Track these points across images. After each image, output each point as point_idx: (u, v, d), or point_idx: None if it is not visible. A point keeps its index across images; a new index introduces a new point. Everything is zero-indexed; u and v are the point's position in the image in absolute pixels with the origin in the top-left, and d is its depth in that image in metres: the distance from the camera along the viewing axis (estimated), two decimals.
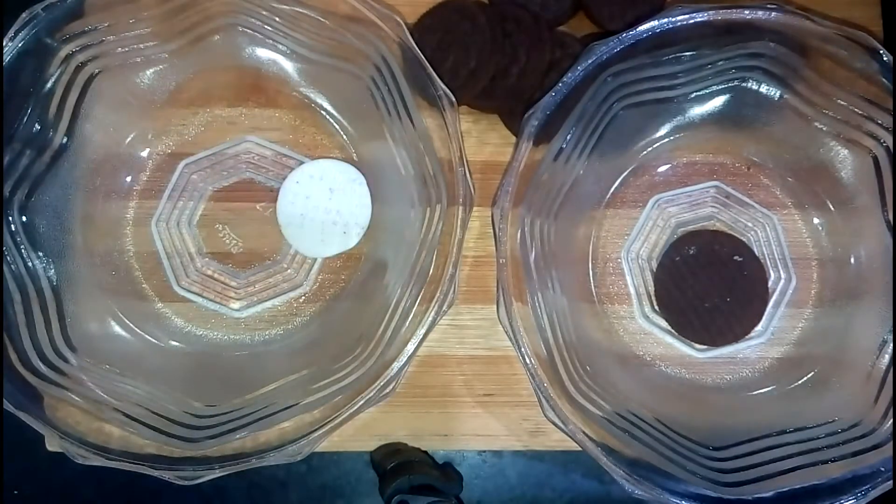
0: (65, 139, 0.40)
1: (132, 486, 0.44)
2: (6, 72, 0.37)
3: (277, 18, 0.41)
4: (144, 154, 0.44)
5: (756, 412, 0.41)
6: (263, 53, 0.43)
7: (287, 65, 0.43)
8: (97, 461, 0.36)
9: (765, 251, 0.43)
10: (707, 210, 0.44)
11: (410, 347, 0.37)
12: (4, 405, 0.36)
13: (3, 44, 0.37)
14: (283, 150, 0.44)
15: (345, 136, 0.44)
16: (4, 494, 0.44)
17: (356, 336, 0.40)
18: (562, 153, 0.39)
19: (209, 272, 0.43)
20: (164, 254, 0.43)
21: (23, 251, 0.39)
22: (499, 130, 0.44)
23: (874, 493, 0.35)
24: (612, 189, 0.44)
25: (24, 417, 0.36)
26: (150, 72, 0.42)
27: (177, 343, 0.42)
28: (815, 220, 0.43)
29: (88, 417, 0.38)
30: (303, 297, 0.43)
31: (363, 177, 0.43)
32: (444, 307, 0.37)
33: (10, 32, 0.37)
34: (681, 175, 0.44)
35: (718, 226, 0.44)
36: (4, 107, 0.38)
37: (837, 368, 0.41)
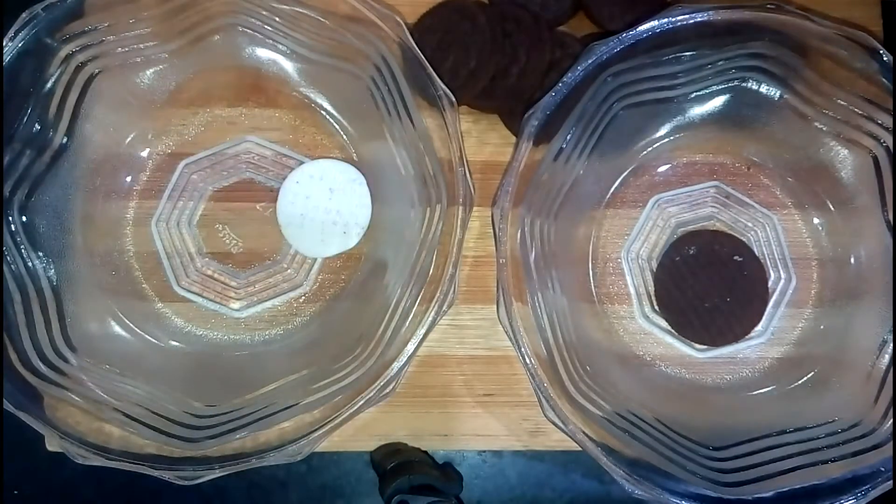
0: (65, 139, 0.40)
1: (132, 486, 0.44)
2: (6, 72, 0.37)
3: (277, 18, 0.41)
4: (144, 154, 0.44)
5: (756, 412, 0.41)
6: (263, 53, 0.43)
7: (287, 65, 0.43)
8: (97, 461, 0.36)
9: (765, 251, 0.43)
10: (707, 210, 0.44)
11: (410, 347, 0.37)
12: (4, 405, 0.36)
13: (4, 44, 0.37)
14: (283, 150, 0.44)
15: (345, 136, 0.44)
16: (4, 494, 0.44)
17: (356, 336, 0.40)
18: (562, 153, 0.39)
19: (209, 272, 0.43)
20: (164, 254, 0.43)
21: (23, 251, 0.39)
22: (499, 130, 0.44)
23: (874, 493, 0.35)
24: (612, 189, 0.44)
25: (25, 417, 0.36)
26: (150, 72, 0.42)
27: (177, 343, 0.42)
28: (815, 220, 0.43)
29: (88, 417, 0.38)
30: (303, 297, 0.43)
31: (363, 177, 0.43)
32: (444, 307, 0.37)
33: (10, 32, 0.37)
34: (681, 175, 0.44)
35: (718, 226, 0.44)
36: (4, 107, 0.38)
37: (837, 368, 0.41)
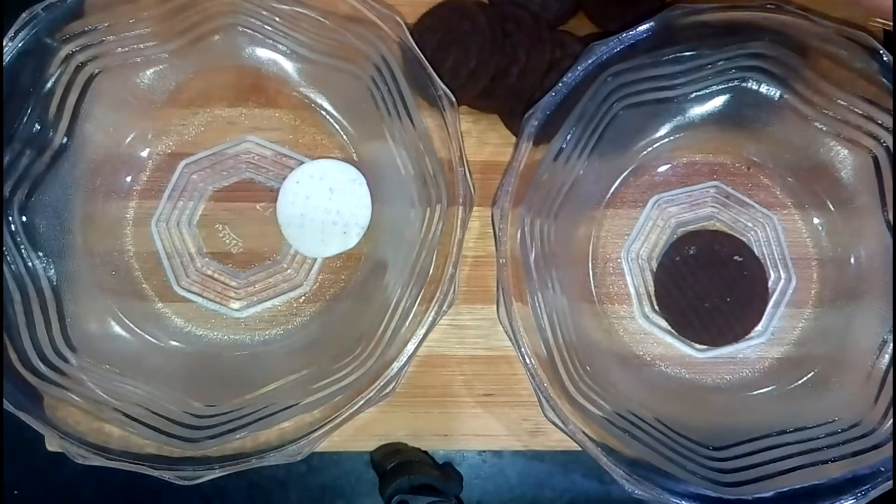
0: (65, 139, 0.40)
1: (132, 487, 0.44)
2: (6, 72, 0.37)
3: (277, 18, 0.41)
4: (144, 154, 0.44)
5: (756, 412, 0.41)
6: (263, 53, 0.43)
7: (287, 65, 0.43)
8: (97, 461, 0.36)
9: (765, 251, 0.43)
10: (707, 210, 0.44)
11: (410, 347, 0.37)
12: (5, 405, 0.36)
13: (4, 44, 0.37)
14: (283, 150, 0.44)
15: (345, 136, 0.44)
16: (4, 494, 0.44)
17: (356, 336, 0.40)
18: (562, 153, 0.39)
19: (209, 272, 0.43)
20: (164, 254, 0.43)
21: (23, 251, 0.39)
22: (499, 130, 0.43)
23: (874, 493, 0.35)
24: (612, 189, 0.44)
25: (25, 417, 0.36)
26: (150, 72, 0.42)
27: (177, 343, 0.42)
28: (815, 220, 0.43)
29: (88, 417, 0.38)
30: (303, 297, 0.43)
31: (363, 177, 0.43)
32: (444, 307, 0.37)
33: (10, 32, 0.37)
34: (681, 175, 0.44)
35: (718, 226, 0.44)
36: (4, 107, 0.38)
37: (837, 368, 0.41)
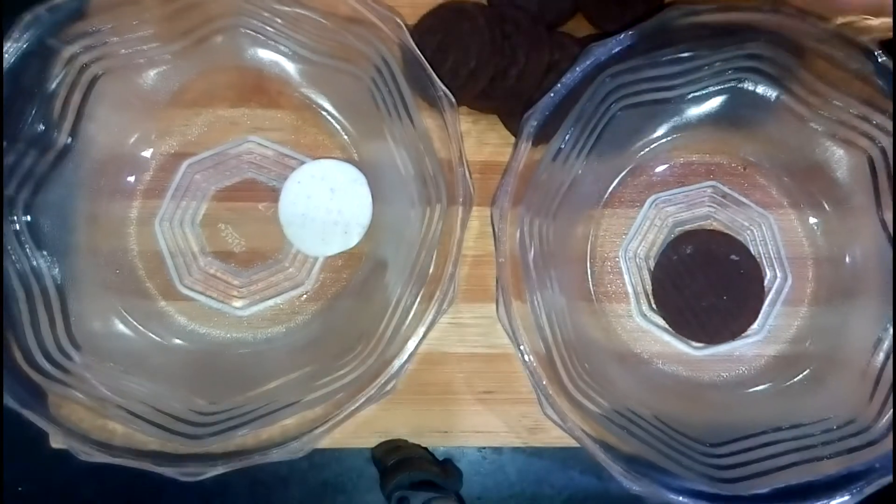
0: (69, 139, 0.41)
1: (134, 483, 0.44)
2: (10, 73, 0.37)
3: (279, 20, 0.41)
4: (148, 154, 0.44)
5: (752, 409, 0.42)
6: (265, 55, 0.43)
7: (289, 66, 0.43)
8: (101, 458, 0.36)
9: (761, 250, 0.44)
10: (704, 210, 0.44)
11: (411, 345, 0.37)
12: (10, 403, 0.36)
13: (8, 45, 0.37)
14: (285, 151, 0.44)
15: (346, 137, 0.44)
16: (8, 491, 0.45)
17: (357, 334, 0.40)
18: (560, 153, 0.39)
19: (212, 271, 0.44)
20: (168, 253, 0.43)
21: (27, 250, 0.40)
22: (498, 131, 0.44)
23: (869, 490, 0.35)
24: (611, 189, 0.44)
25: (29, 415, 0.36)
26: (154, 73, 0.42)
27: (180, 341, 0.43)
28: (811, 220, 0.44)
29: (92, 415, 0.38)
30: (304, 296, 0.44)
31: (364, 177, 0.43)
32: (444, 306, 0.37)
33: (14, 33, 0.37)
34: (678, 175, 0.44)
35: (715, 225, 0.44)
36: (9, 107, 0.38)
37: (832, 366, 0.41)
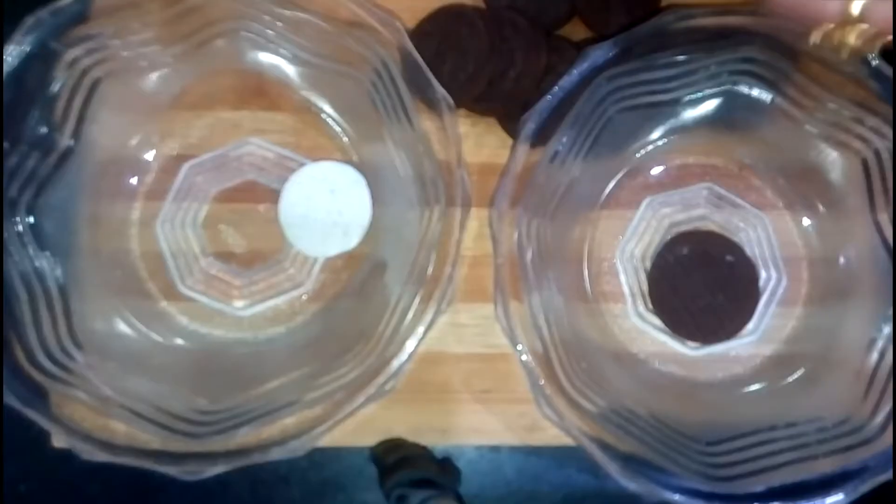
0: (71, 142, 0.41)
1: (136, 482, 0.44)
2: (13, 75, 0.38)
3: (279, 23, 0.41)
4: (149, 156, 0.44)
5: (748, 408, 0.42)
6: (266, 58, 0.43)
7: (289, 69, 0.43)
8: (103, 457, 0.36)
9: (756, 251, 0.44)
10: (700, 211, 0.44)
11: (410, 345, 0.38)
12: (12, 402, 0.36)
13: (10, 48, 0.37)
14: (285, 153, 0.44)
15: (346, 139, 0.44)
16: (8, 490, 0.45)
17: (357, 334, 0.40)
18: (558, 155, 0.39)
19: (213, 272, 0.44)
20: (169, 254, 0.44)
21: (30, 251, 0.40)
22: (496, 133, 0.44)
23: (863, 488, 0.35)
24: (607, 190, 0.44)
25: (31, 414, 0.36)
26: (155, 76, 0.43)
27: (181, 341, 0.43)
28: (806, 221, 0.44)
29: (94, 414, 0.38)
30: (305, 296, 0.44)
31: (364, 178, 0.44)
32: (443, 306, 0.38)
33: (17, 36, 0.37)
34: (674, 177, 0.44)
35: (711, 226, 0.44)
36: (12, 110, 0.38)
37: (827, 366, 0.41)
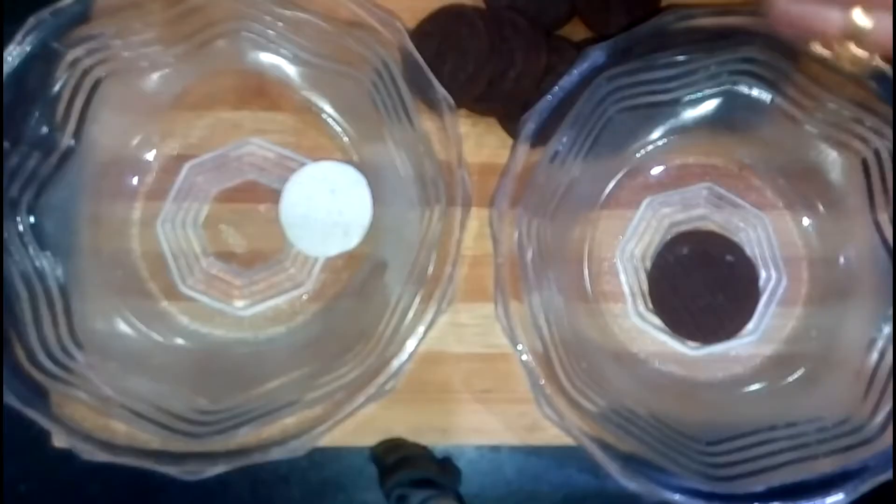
0: (72, 141, 0.41)
1: (137, 482, 0.43)
2: (14, 76, 0.38)
3: (280, 24, 0.41)
4: (150, 156, 0.44)
5: (748, 408, 0.42)
6: (266, 58, 0.43)
7: (290, 69, 0.44)
8: (103, 457, 0.36)
9: (756, 251, 0.44)
10: (700, 211, 0.44)
11: (410, 345, 0.38)
12: (12, 402, 0.36)
13: (11, 48, 0.37)
14: (286, 153, 0.44)
15: (346, 139, 0.44)
16: (8, 490, 0.45)
17: (357, 334, 0.40)
18: (558, 155, 0.39)
19: (213, 272, 0.44)
20: (170, 254, 0.44)
21: (31, 251, 0.40)
22: (496, 133, 0.44)
23: (863, 488, 0.35)
24: (607, 190, 0.44)
25: (32, 414, 0.36)
26: (156, 76, 0.43)
27: (182, 341, 0.43)
28: (806, 221, 0.44)
29: (94, 414, 0.38)
30: (305, 296, 0.44)
31: (364, 178, 0.44)
32: (443, 306, 0.38)
33: (18, 37, 0.38)
34: (674, 177, 0.44)
35: (711, 226, 0.44)
36: (13, 110, 0.38)
37: (827, 366, 0.42)
